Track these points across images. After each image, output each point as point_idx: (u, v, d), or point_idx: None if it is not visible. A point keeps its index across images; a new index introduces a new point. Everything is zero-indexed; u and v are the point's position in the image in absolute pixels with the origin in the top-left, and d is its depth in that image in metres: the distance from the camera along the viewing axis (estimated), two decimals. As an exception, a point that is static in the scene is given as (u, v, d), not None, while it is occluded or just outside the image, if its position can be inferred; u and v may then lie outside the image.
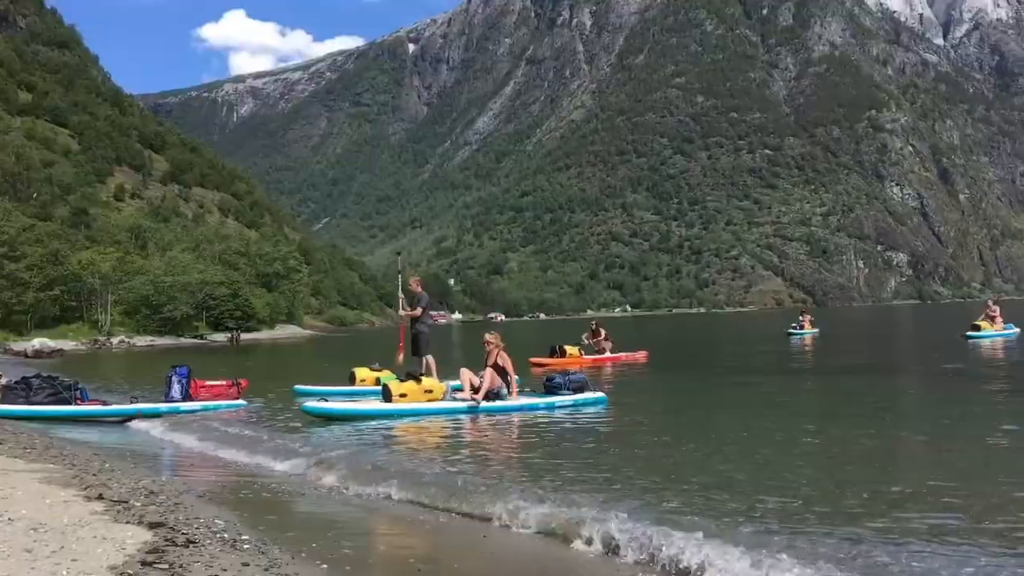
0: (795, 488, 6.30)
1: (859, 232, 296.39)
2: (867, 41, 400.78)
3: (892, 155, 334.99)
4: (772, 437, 9.00)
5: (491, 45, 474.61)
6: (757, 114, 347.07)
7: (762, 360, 24.38)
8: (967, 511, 5.52)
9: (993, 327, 29.21)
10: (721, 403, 13.35)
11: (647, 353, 24.18)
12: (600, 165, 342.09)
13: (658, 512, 5.67)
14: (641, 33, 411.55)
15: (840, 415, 10.94)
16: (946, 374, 16.59)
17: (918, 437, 8.73)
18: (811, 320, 39.07)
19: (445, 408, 12.40)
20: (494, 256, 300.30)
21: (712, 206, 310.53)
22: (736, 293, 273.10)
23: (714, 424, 10.41)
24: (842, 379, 16.69)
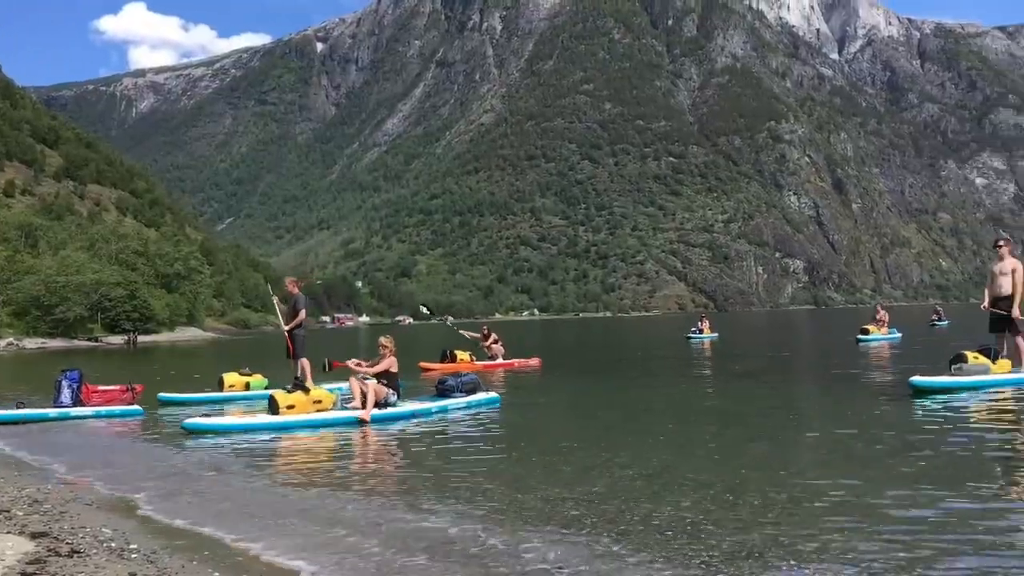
0: (691, 494, 6.37)
1: (759, 239, 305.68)
2: (767, 54, 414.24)
3: (790, 165, 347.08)
4: (668, 441, 9.18)
5: (401, 47, 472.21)
6: (662, 122, 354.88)
7: (660, 364, 24.83)
8: (853, 515, 5.61)
9: (880, 331, 30.82)
10: (617, 407, 13.40)
11: (540, 360, 23.83)
12: (509, 169, 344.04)
13: (558, 523, 5.66)
14: (550, 39, 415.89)
15: (734, 418, 11.27)
16: (838, 376, 17.18)
17: (810, 439, 9.08)
18: (710, 325, 40.04)
19: (336, 419, 11.72)
20: (403, 258, 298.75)
21: (619, 212, 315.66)
22: (641, 297, 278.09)
23: (612, 429, 10.50)
24: (737, 382, 17.14)
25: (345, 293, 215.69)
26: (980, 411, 10.65)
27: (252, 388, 15.85)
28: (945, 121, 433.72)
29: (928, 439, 8.35)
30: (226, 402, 15.05)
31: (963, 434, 8.61)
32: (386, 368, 12.37)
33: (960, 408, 10.71)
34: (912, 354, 22.26)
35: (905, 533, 5.12)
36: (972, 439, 8.33)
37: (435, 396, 13.54)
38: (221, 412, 13.15)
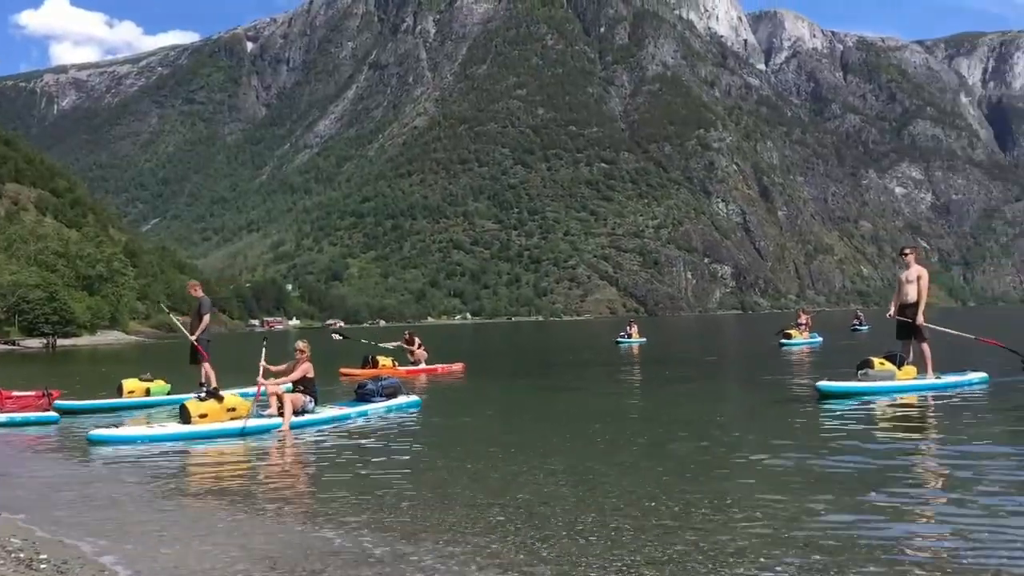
0: (614, 500, 6.49)
1: (688, 245, 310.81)
2: (696, 63, 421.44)
3: (718, 172, 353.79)
4: (595, 446, 9.29)
5: (333, 48, 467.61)
6: (594, 128, 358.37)
7: (588, 369, 25.06)
8: (768, 519, 5.74)
9: (802, 336, 31.84)
10: (544, 412, 13.44)
11: (464, 365, 23.71)
12: (442, 173, 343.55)
13: (483, 530, 5.68)
14: (484, 44, 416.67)
15: (658, 422, 11.42)
16: (758, 380, 17.67)
17: (728, 443, 9.26)
18: (638, 329, 40.47)
19: (252, 427, 11.29)
20: (334, 262, 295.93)
21: (551, 216, 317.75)
22: (573, 302, 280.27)
23: (539, 434, 10.51)
24: (661, 387, 17.44)
25: (275, 296, 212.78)
26: (883, 416, 10.93)
27: (153, 394, 15.46)
28: (866, 132, 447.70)
29: (832, 443, 8.61)
30: (124, 409, 14.57)
31: (865, 438, 8.86)
32: (303, 374, 12.10)
33: (863, 413, 10.98)
34: (830, 358, 23.02)
35: (817, 536, 5.25)
36: (873, 443, 8.62)
37: (354, 401, 13.30)
38: (121, 420, 12.84)
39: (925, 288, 13.43)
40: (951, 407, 11.50)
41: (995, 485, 6.49)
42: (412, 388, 17.51)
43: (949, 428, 9.81)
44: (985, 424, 9.90)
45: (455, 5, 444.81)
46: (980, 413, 10.89)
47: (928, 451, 8.53)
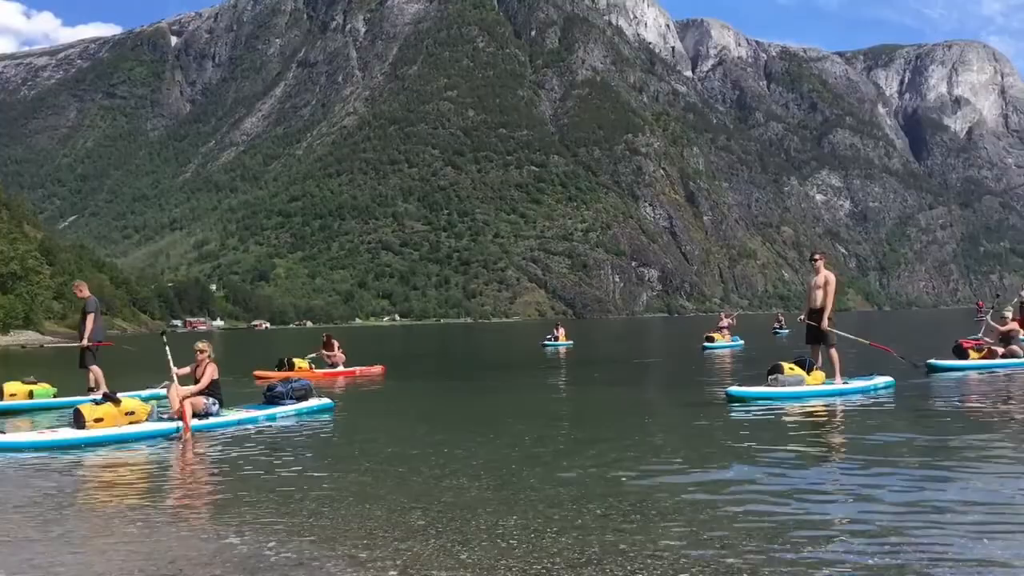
0: (536, 502, 6.56)
1: (616, 248, 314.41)
2: (625, 69, 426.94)
3: (646, 177, 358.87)
4: (518, 448, 9.29)
5: (261, 44, 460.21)
6: (525, 131, 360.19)
7: (513, 371, 25.12)
8: (683, 520, 5.85)
9: (724, 339, 32.66)
10: (467, 414, 13.40)
11: (384, 368, 23.20)
12: (372, 173, 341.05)
13: (404, 534, 5.69)
14: (415, 44, 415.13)
15: (580, 424, 11.53)
16: (679, 383, 17.96)
17: (645, 446, 9.32)
18: (565, 332, 40.66)
19: (151, 432, 10.78)
20: (260, 262, 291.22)
21: (481, 218, 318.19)
22: (502, 304, 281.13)
23: (462, 436, 10.42)
24: (585, 389, 17.57)
25: (198, 296, 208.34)
26: (790, 421, 11.08)
27: (36, 397, 14.83)
28: (788, 140, 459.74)
29: (740, 448, 8.79)
30: (5, 413, 13.94)
31: (772, 443, 9.08)
32: (211, 378, 11.76)
33: (772, 418, 11.15)
34: (750, 362, 23.54)
35: (731, 537, 5.38)
36: (780, 448, 8.81)
37: (263, 404, 12.87)
38: (1, 425, 12.28)
39: (831, 294, 13.65)
40: (856, 412, 11.65)
41: (896, 491, 6.59)
42: (330, 391, 17.35)
43: (852, 433, 10.03)
44: (887, 429, 10.10)
45: (386, 4, 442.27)
46: (884, 418, 11.10)
47: (832, 456, 8.66)
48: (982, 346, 18.18)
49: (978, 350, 17.97)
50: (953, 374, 16.57)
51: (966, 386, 14.83)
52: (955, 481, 6.93)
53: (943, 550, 5.00)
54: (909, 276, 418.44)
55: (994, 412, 11.62)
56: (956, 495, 6.40)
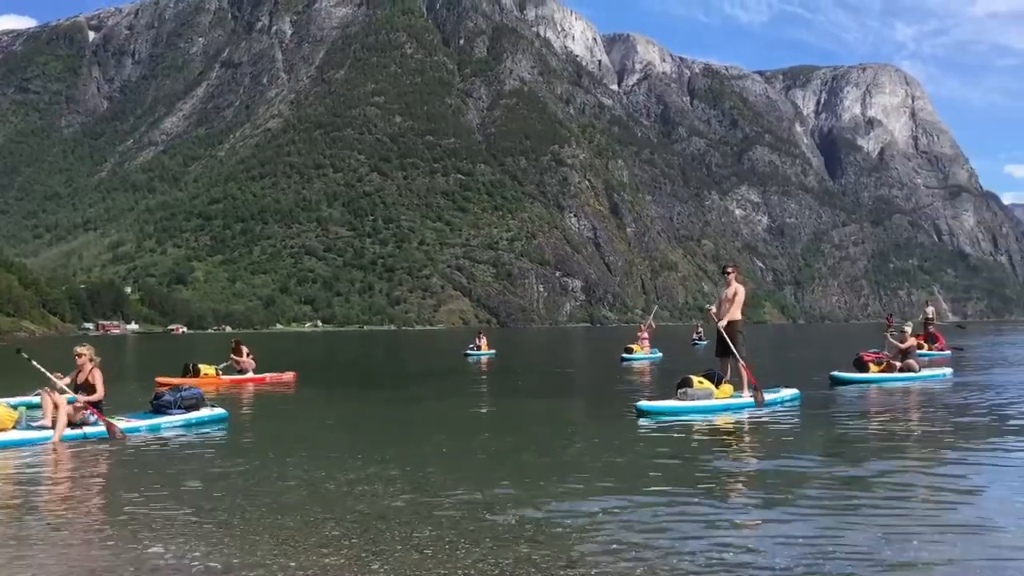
0: (451, 511, 6.62)
1: (540, 258, 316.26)
2: (553, 80, 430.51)
3: (572, 188, 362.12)
4: (434, 458, 9.40)
5: (183, 43, 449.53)
6: (452, 139, 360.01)
7: (433, 380, 25.16)
8: (596, 531, 6.00)
9: (643, 350, 33.19)
10: (384, 422, 13.48)
11: (296, 375, 22.83)
12: (296, 177, 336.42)
13: (317, 544, 5.64)
14: (342, 48, 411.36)
15: (496, 435, 11.58)
16: (594, 396, 18.38)
17: (553, 459, 9.38)
18: (488, 341, 40.74)
19: (15, 440, 10.22)
20: (178, 264, 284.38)
21: (406, 225, 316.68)
22: (426, 311, 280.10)
23: (378, 445, 10.49)
24: (502, 399, 17.73)
25: (112, 299, 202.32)
26: (697, 435, 11.06)
27: None
28: (710, 155, 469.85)
29: (648, 463, 8.81)
30: None
31: (678, 456, 9.18)
32: (101, 383, 11.29)
33: (679, 433, 11.10)
34: (668, 373, 24.09)
35: (640, 546, 5.48)
36: (686, 461, 8.95)
37: (149, 413, 12.28)
38: None
39: (739, 304, 13.84)
40: (761, 425, 11.83)
41: (800, 504, 6.70)
42: (236, 397, 17.33)
43: (756, 446, 10.24)
44: (791, 440, 10.37)
45: (313, 7, 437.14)
46: (788, 429, 11.40)
47: (738, 469, 8.74)
48: (882, 359, 18.99)
49: (878, 363, 18.76)
50: (854, 387, 17.23)
51: (867, 398, 15.38)
52: (862, 490, 7.22)
53: (858, 554, 5.15)
54: (823, 291, 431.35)
55: (894, 423, 12.20)
56: (865, 503, 6.57)
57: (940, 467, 8.45)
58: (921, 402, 14.84)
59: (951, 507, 6.54)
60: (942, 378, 18.89)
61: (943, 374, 19.47)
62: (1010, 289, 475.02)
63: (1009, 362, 26.18)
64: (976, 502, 6.77)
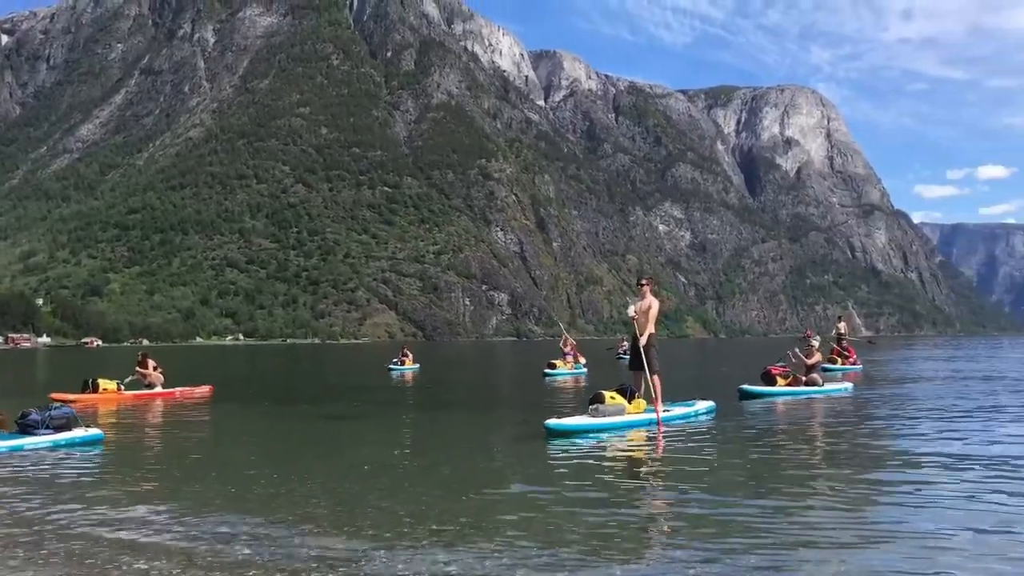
0: (372, 521, 6.68)
1: (467, 271, 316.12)
2: (480, 95, 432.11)
3: (498, 202, 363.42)
4: (352, 470, 9.38)
5: (101, 49, 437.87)
6: (378, 152, 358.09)
7: (354, 395, 24.75)
8: (516, 541, 6.09)
9: (567, 365, 33.10)
10: (301, 437, 13.40)
11: (212, 389, 22.18)
12: (218, 187, 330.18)
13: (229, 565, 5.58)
14: (267, 58, 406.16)
15: (416, 449, 11.65)
16: (510, 412, 18.13)
17: (462, 474, 9.34)
18: (412, 356, 40.26)
19: None
20: (93, 276, 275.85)
21: (331, 238, 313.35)
22: (351, 325, 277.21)
23: (293, 459, 10.45)
24: (417, 414, 17.72)
25: (22, 311, 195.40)
26: (608, 453, 10.86)
27: None
28: (634, 171, 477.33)
29: (557, 482, 8.54)
30: None
31: (587, 477, 8.81)
32: None
33: (591, 450, 10.89)
34: (591, 388, 24.22)
35: (552, 557, 5.60)
36: (596, 481, 8.62)
37: (13, 433, 11.60)
38: None
39: (653, 318, 13.47)
40: (675, 439, 11.64)
41: (715, 522, 6.66)
42: (143, 413, 16.78)
43: (668, 461, 10.03)
44: (703, 454, 10.29)
45: (237, 16, 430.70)
46: (701, 444, 11.21)
47: (647, 486, 8.66)
48: (788, 373, 19.35)
49: (784, 377, 19.12)
50: (761, 400, 17.60)
51: (774, 412, 15.64)
52: (778, 502, 7.34)
53: (772, 565, 5.26)
54: (743, 305, 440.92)
55: (805, 435, 12.64)
56: (781, 515, 6.72)
57: (832, 484, 8.38)
58: (823, 417, 15.03)
59: (842, 521, 6.61)
60: (844, 392, 19.33)
61: (845, 388, 19.88)
62: (920, 305, 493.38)
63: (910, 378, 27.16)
64: (867, 519, 6.84)
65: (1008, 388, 20.79)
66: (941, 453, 9.92)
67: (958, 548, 5.62)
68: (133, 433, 14.21)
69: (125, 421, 16.13)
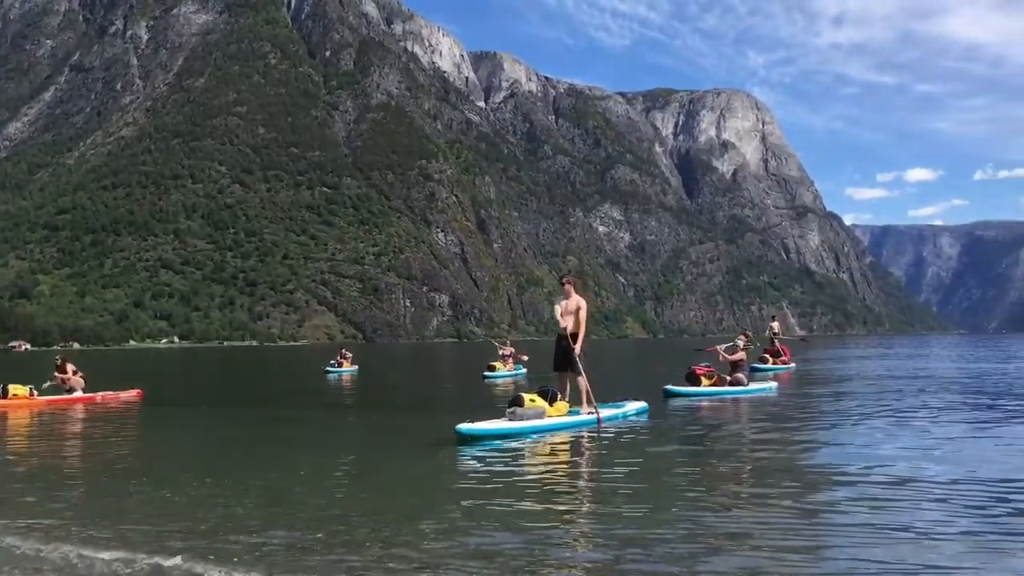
0: (300, 522, 6.72)
1: (407, 273, 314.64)
2: (420, 95, 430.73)
3: (439, 203, 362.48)
4: (282, 471, 9.41)
5: (29, 44, 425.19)
6: (317, 152, 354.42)
7: (286, 398, 24.59)
8: (448, 533, 6.34)
9: (506, 367, 33.23)
10: (233, 440, 13.29)
11: (140, 392, 21.55)
12: (152, 187, 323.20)
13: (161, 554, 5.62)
14: (202, 56, 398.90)
15: (334, 449, 11.61)
16: (443, 414, 17.77)
17: (375, 476, 9.36)
18: (351, 358, 40.14)
19: None
20: (21, 278, 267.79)
21: (269, 239, 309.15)
22: (290, 327, 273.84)
23: (224, 461, 10.40)
24: (348, 416, 17.84)
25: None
26: (522, 458, 10.48)
27: None
28: (574, 173, 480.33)
29: (466, 489, 8.33)
30: None
31: (488, 487, 8.44)
32: None
33: (507, 456, 10.51)
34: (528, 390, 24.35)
35: (470, 559, 5.59)
36: (497, 492, 8.25)
37: None
38: None
39: (584, 319, 13.02)
40: (603, 442, 11.36)
41: (640, 527, 6.58)
42: (60, 420, 16.50)
43: (593, 464, 9.80)
44: (628, 457, 10.08)
45: (171, 13, 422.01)
46: (631, 447, 11.02)
47: (560, 490, 8.40)
48: (712, 373, 19.51)
49: (709, 377, 19.28)
50: (685, 400, 17.71)
51: (702, 412, 15.73)
52: (706, 506, 7.36)
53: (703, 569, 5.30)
54: (681, 306, 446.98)
55: (733, 434, 12.72)
56: (715, 519, 6.77)
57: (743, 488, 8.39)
58: (742, 418, 15.08)
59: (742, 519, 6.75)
60: (768, 392, 19.40)
61: (769, 388, 19.94)
62: (851, 305, 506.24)
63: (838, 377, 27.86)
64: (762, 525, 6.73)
65: (929, 387, 21.24)
66: (849, 456, 9.88)
67: (849, 555, 5.60)
68: (33, 441, 13.89)
69: (35, 427, 15.79)
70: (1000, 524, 6.33)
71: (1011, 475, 8.47)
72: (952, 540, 5.93)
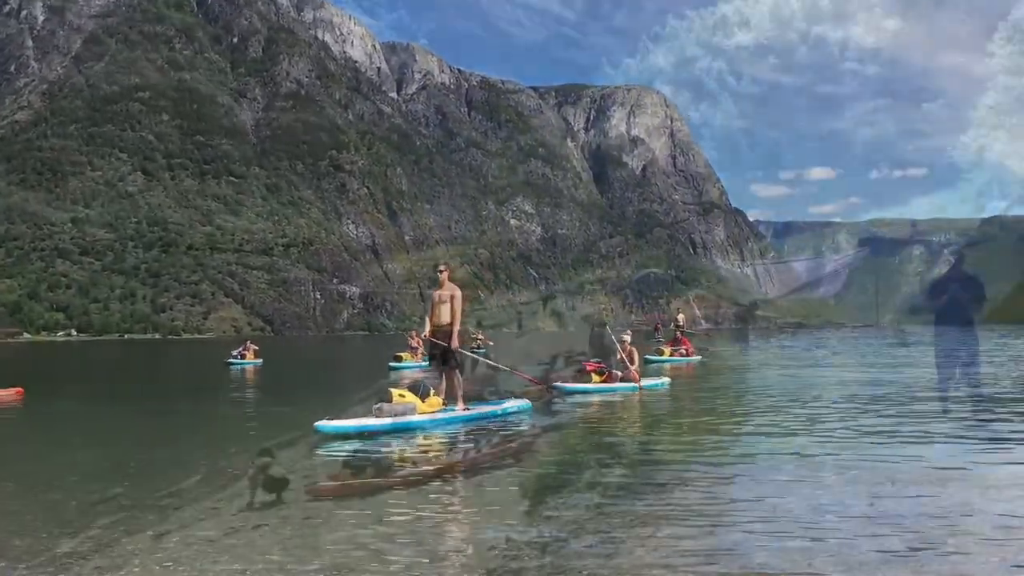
0: (202, 520, 6.77)
1: (317, 265, 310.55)
2: (331, 85, 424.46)
3: (350, 195, 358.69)
4: (177, 469, 9.30)
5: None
6: (224, 140, 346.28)
7: (181, 392, 24.38)
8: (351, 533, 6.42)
9: (415, 359, 33.11)
10: (126, 437, 13.02)
11: (21, 390, 20.38)
12: (48, 174, 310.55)
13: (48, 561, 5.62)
14: (103, 40, 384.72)
15: (241, 441, 11.56)
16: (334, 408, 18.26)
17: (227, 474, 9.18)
18: (255, 350, 39.80)
19: None
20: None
21: (174, 229, 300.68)
22: (195, 319, 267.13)
23: (117, 461, 10.16)
24: (248, 412, 17.57)
25: None
26: (392, 458, 10.05)
27: None
28: (487, 166, 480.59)
29: (297, 501, 7.87)
30: None
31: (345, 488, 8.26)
32: None
33: (372, 455, 10.13)
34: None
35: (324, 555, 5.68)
36: (365, 491, 8.13)
37: None
38: None
39: (459, 309, 12.66)
40: (475, 440, 11.05)
41: (525, 527, 6.58)
42: None
43: (447, 469, 9.35)
44: (509, 459, 9.76)
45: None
46: (503, 444, 10.74)
47: (418, 495, 8.11)
48: (603, 369, 19.44)
49: (599, 373, 19.25)
50: (573, 396, 17.40)
51: (590, 408, 15.69)
52: (608, 501, 7.46)
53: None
54: (591, 299, 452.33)
55: (621, 431, 12.66)
56: (624, 514, 6.91)
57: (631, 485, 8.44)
58: (638, 413, 15.08)
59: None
60: (660, 387, 19.36)
61: (662, 383, 19.78)
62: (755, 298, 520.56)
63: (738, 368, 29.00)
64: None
65: (821, 377, 22.29)
66: (726, 452, 10.19)
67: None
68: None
69: None
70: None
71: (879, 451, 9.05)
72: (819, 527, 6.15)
